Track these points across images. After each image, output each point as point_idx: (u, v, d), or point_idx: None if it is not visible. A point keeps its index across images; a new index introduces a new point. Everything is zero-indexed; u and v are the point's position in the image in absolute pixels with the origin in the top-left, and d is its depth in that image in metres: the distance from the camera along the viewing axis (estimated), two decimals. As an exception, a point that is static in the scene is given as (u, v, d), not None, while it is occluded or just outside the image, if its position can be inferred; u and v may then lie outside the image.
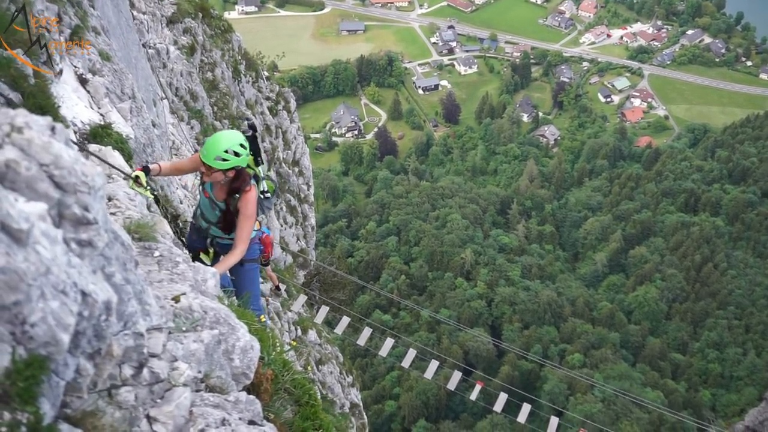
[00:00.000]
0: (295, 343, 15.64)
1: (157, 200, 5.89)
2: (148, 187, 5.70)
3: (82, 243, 2.45)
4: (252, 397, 3.57)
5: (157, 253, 4.36)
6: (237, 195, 5.99)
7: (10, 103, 5.27)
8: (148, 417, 2.94)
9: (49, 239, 2.22)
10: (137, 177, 5.61)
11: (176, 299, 3.70)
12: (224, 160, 5.66)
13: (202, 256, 6.18)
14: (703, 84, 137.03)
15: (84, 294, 2.32)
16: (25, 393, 2.11)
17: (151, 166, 5.98)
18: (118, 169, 5.76)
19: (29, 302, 2.10)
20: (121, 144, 6.48)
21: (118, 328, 2.69)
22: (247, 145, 5.79)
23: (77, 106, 6.80)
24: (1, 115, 2.37)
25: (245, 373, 3.73)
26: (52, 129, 2.49)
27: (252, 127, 6.12)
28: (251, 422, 3.44)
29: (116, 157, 5.70)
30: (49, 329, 2.16)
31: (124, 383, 2.82)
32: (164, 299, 3.59)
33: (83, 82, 7.54)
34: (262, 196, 6.33)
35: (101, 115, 7.06)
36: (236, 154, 5.68)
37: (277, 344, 4.83)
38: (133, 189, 5.58)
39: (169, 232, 5.80)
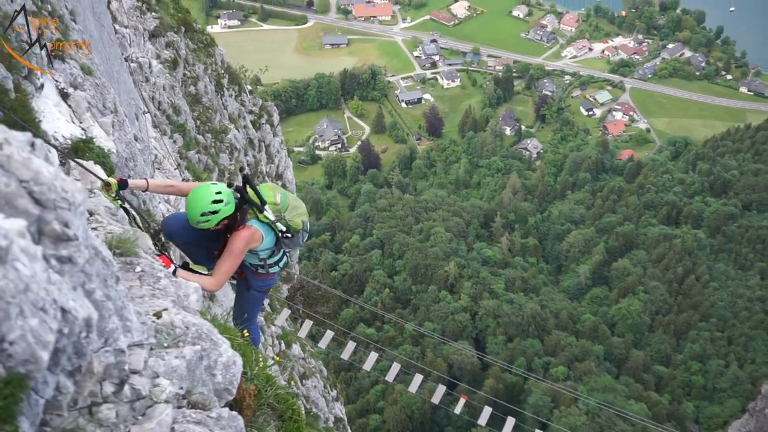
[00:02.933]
0: (278, 358, 15.70)
1: (126, 212, 5.76)
2: (117, 198, 5.66)
3: (62, 259, 2.42)
4: (234, 413, 3.53)
5: (138, 269, 4.33)
6: (229, 234, 5.92)
7: None
8: None
9: (29, 256, 2.19)
10: (108, 184, 5.57)
11: (158, 315, 3.67)
12: (207, 221, 5.64)
13: (197, 267, 6.04)
14: (684, 97, 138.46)
15: (64, 311, 2.30)
16: (3, 412, 2.09)
17: (131, 182, 5.90)
18: (96, 175, 5.71)
19: (8, 320, 2.08)
20: (103, 158, 6.43)
21: (99, 344, 2.67)
22: (224, 194, 5.67)
23: (59, 121, 6.76)
24: None
25: (228, 389, 3.70)
26: (32, 145, 2.49)
27: (245, 177, 6.01)
28: None
29: (98, 172, 5.68)
30: (28, 347, 2.14)
31: (105, 400, 2.80)
32: (146, 315, 3.54)
33: (65, 96, 7.48)
34: (280, 235, 6.21)
35: (83, 129, 7.03)
36: (214, 212, 5.62)
37: (260, 359, 4.78)
38: (103, 195, 5.60)
39: (152, 247, 5.79)
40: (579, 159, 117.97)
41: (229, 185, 5.89)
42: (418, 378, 24.77)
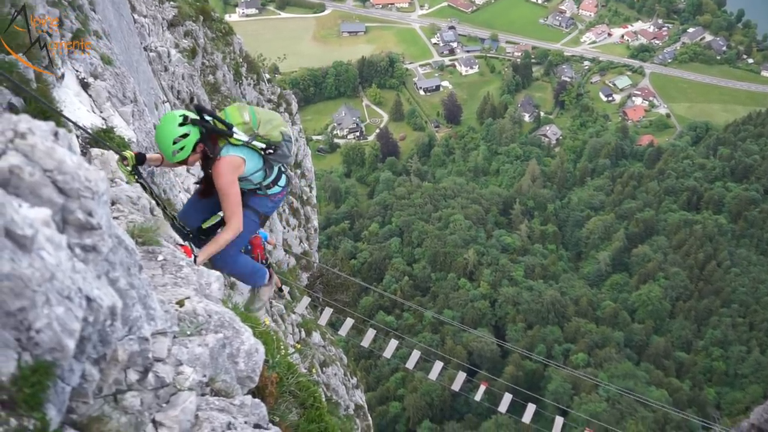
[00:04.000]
0: (299, 346, 15.58)
1: (143, 187, 5.69)
2: (134, 173, 5.61)
3: (87, 248, 2.45)
4: (257, 400, 3.57)
5: (160, 257, 4.36)
6: (209, 169, 5.71)
7: (12, 108, 5.29)
8: (153, 421, 2.94)
9: (54, 245, 2.22)
10: (125, 157, 5.50)
11: (180, 303, 3.70)
12: (181, 148, 5.40)
13: (210, 221, 6.05)
14: (705, 82, 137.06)
15: (89, 299, 2.33)
16: (31, 399, 2.12)
17: (149, 155, 5.85)
18: (112, 148, 5.73)
19: (34, 308, 2.11)
20: (123, 147, 6.40)
21: (123, 333, 2.69)
22: (189, 116, 5.41)
23: (79, 110, 6.80)
24: (4, 121, 2.39)
25: (250, 377, 3.74)
26: (56, 134, 2.50)
27: (198, 107, 5.63)
28: (257, 426, 3.45)
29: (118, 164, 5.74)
30: (54, 335, 2.16)
31: (130, 388, 2.82)
32: (168, 303, 3.58)
33: (85, 86, 7.53)
34: (264, 153, 5.96)
35: (103, 119, 7.05)
36: (184, 135, 5.37)
37: (282, 347, 4.78)
38: (119, 168, 5.56)
39: (173, 236, 5.81)
40: (598, 145, 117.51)
41: (184, 120, 5.52)
42: (438, 365, 24.70)
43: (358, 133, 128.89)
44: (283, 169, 6.37)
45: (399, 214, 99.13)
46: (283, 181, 6.36)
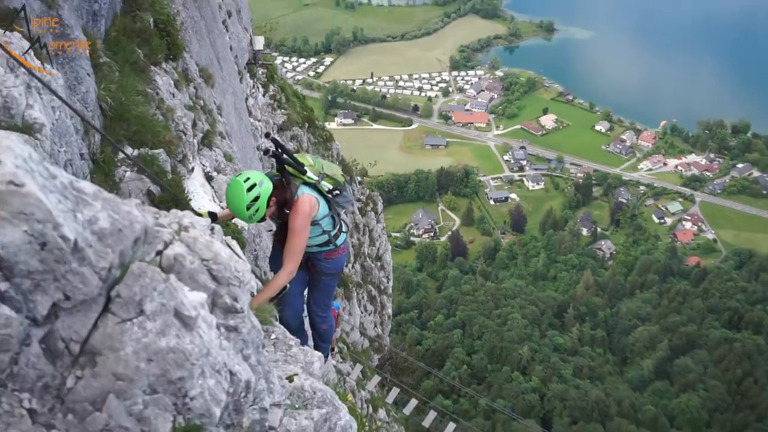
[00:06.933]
0: (379, 425, 15.74)
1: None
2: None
3: (230, 328, 2.54)
4: None
5: (273, 336, 4.42)
6: (287, 210, 5.27)
7: (150, 194, 5.52)
8: None
9: (207, 324, 2.31)
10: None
11: (290, 379, 3.67)
12: (256, 210, 5.01)
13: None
14: (751, 213, 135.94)
15: (231, 373, 2.39)
16: None
17: (220, 213, 5.69)
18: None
19: (191, 379, 2.16)
20: (237, 234, 6.70)
21: (249, 402, 2.68)
22: (253, 176, 5.01)
23: (203, 199, 6.86)
24: (171, 215, 2.54)
25: None
26: (212, 229, 2.75)
27: (274, 141, 5.31)
28: None
29: (234, 245, 4.73)
30: (205, 403, 2.22)
31: None
32: (280, 379, 3.49)
33: (209, 178, 7.57)
34: (331, 196, 5.52)
35: (222, 208, 6.69)
36: (256, 199, 4.96)
37: (365, 424, 4.33)
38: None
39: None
40: (649, 262, 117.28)
41: (265, 152, 5.32)
42: None
43: (432, 234, 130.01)
44: (344, 221, 5.89)
45: (463, 308, 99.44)
46: (344, 233, 5.86)
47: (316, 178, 5.37)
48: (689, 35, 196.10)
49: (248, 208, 4.96)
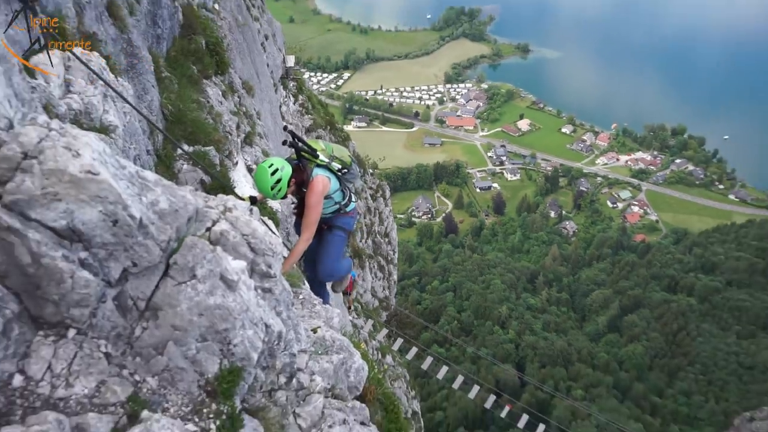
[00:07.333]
0: (387, 368, 15.35)
1: (253, 201, 5.12)
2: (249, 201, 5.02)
3: (265, 290, 2.47)
4: (363, 405, 3.44)
5: (301, 296, 4.31)
6: (304, 189, 5.09)
7: (203, 183, 5.34)
8: (294, 413, 2.89)
9: (247, 286, 2.24)
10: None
11: (314, 330, 3.58)
12: (279, 190, 4.85)
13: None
14: (686, 199, 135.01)
15: (266, 326, 2.32)
16: (227, 391, 2.16)
17: (258, 196, 5.39)
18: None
19: (234, 330, 2.10)
20: (272, 215, 6.52)
21: (281, 349, 2.63)
22: (276, 162, 4.84)
23: (245, 187, 6.65)
24: (218, 199, 2.49)
25: (357, 387, 3.54)
26: (251, 210, 2.59)
27: (291, 133, 5.05)
28: (362, 423, 3.34)
29: (269, 223, 4.36)
30: (245, 349, 2.16)
31: (280, 388, 2.74)
32: (306, 330, 3.43)
33: (249, 171, 7.35)
34: (340, 174, 5.32)
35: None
36: (279, 180, 4.81)
37: (374, 366, 4.44)
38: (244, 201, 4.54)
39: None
40: (604, 238, 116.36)
41: (284, 143, 5.05)
42: (475, 388, 23.67)
43: (429, 215, 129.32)
44: (352, 192, 5.64)
45: (454, 275, 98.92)
46: (353, 202, 5.64)
47: (326, 160, 5.24)
48: (639, 54, 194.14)
49: (272, 189, 4.87)
